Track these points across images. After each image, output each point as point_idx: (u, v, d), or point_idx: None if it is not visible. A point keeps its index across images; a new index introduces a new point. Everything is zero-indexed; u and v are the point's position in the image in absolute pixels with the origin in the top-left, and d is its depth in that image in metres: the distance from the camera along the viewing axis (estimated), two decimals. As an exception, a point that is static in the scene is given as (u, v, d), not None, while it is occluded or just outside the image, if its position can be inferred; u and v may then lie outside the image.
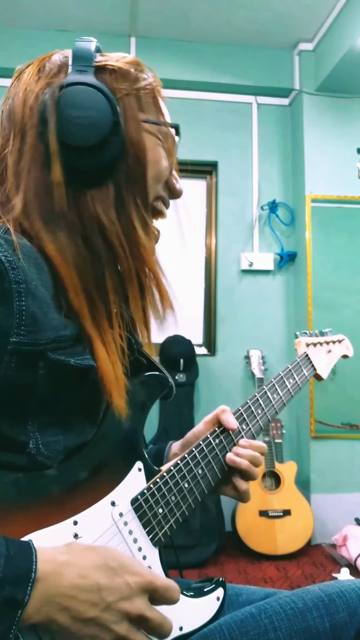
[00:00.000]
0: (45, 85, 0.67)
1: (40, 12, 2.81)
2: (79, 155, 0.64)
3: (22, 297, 0.56)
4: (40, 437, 0.60)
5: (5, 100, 0.71)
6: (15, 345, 0.55)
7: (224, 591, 0.75)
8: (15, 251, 0.58)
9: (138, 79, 0.71)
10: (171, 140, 0.73)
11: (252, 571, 2.42)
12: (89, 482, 0.64)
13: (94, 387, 0.64)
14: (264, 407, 0.87)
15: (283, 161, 3.21)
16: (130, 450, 0.70)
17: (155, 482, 0.70)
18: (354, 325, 2.86)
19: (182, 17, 2.85)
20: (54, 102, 0.64)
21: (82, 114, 0.63)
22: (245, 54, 3.11)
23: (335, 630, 0.70)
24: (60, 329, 0.60)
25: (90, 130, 0.63)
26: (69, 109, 0.63)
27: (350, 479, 2.86)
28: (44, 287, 0.59)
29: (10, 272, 0.56)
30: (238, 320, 3.06)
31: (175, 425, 2.76)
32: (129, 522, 0.66)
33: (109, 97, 0.65)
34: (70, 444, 0.63)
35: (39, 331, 0.57)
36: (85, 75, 0.65)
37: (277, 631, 0.70)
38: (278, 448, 2.75)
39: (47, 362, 0.58)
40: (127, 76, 0.70)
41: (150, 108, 0.72)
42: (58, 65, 0.69)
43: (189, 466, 0.75)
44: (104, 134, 0.64)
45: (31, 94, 0.67)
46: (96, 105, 0.64)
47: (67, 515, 0.60)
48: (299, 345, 1.02)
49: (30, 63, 0.72)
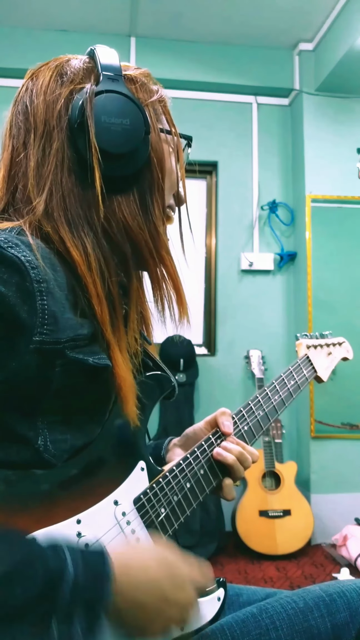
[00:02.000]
0: (71, 91, 0.68)
1: (40, 12, 2.81)
2: (111, 161, 0.65)
3: (43, 296, 0.56)
4: (49, 434, 0.60)
5: (18, 101, 0.71)
6: (38, 344, 0.56)
7: (225, 591, 0.75)
8: (32, 251, 0.58)
9: (152, 91, 0.73)
10: (182, 151, 0.76)
11: (252, 571, 2.42)
12: (92, 480, 0.64)
13: (103, 387, 0.64)
14: (265, 408, 0.87)
15: (283, 161, 3.21)
16: (133, 449, 0.71)
17: (158, 481, 0.71)
18: (353, 325, 2.86)
19: (182, 17, 2.85)
20: (91, 107, 0.65)
21: (118, 121, 0.65)
22: (245, 54, 3.11)
23: (336, 629, 0.71)
24: (77, 328, 0.60)
25: (124, 138, 0.65)
26: (105, 116, 0.65)
27: (350, 479, 2.86)
28: (58, 287, 0.60)
29: (32, 272, 0.56)
30: (238, 320, 3.06)
31: (175, 425, 2.76)
32: (131, 522, 0.66)
33: (140, 106, 0.67)
34: (76, 444, 0.63)
35: (59, 330, 0.58)
36: (117, 83, 0.67)
37: (278, 631, 0.70)
38: (278, 448, 2.75)
39: (65, 361, 0.59)
40: (145, 87, 0.72)
41: (163, 119, 0.74)
42: (83, 71, 0.70)
43: (191, 466, 0.75)
44: (137, 142, 0.66)
45: (56, 97, 0.68)
46: (130, 114, 0.66)
47: (71, 514, 0.61)
48: (299, 347, 1.02)
49: (42, 65, 0.72)
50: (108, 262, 0.65)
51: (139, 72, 0.74)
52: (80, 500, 0.62)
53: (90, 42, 2.98)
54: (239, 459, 0.78)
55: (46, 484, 0.60)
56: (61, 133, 0.66)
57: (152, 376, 0.76)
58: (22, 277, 0.55)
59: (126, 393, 0.64)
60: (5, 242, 0.56)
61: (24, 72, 0.73)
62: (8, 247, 0.56)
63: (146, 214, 0.69)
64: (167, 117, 0.75)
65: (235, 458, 0.77)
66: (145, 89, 0.72)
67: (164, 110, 0.75)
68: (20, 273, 0.55)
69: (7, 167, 0.70)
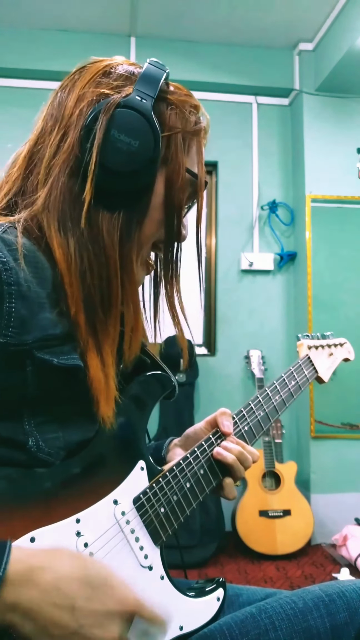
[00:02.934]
0: (102, 94, 0.67)
1: (40, 12, 2.81)
2: (107, 175, 0.64)
3: (12, 299, 0.57)
4: (39, 434, 0.60)
5: (65, 85, 0.71)
6: (2, 346, 0.56)
7: (224, 592, 0.74)
8: (10, 251, 0.58)
9: (189, 121, 0.72)
10: (202, 192, 0.75)
11: (252, 571, 2.42)
12: (91, 480, 0.64)
13: (81, 387, 0.64)
14: (265, 408, 0.87)
15: (283, 161, 3.21)
16: (133, 449, 0.71)
17: (158, 481, 0.71)
18: (354, 325, 2.86)
19: (182, 17, 2.85)
20: (106, 118, 0.64)
21: (126, 140, 0.64)
22: (245, 54, 3.11)
23: (335, 630, 0.70)
24: (49, 328, 0.60)
25: (126, 158, 0.64)
26: (116, 130, 0.64)
27: (350, 479, 2.86)
28: (39, 286, 0.60)
29: (3, 274, 0.56)
30: (238, 320, 3.06)
31: (175, 425, 2.76)
32: (131, 521, 0.66)
33: (156, 132, 0.66)
34: (71, 439, 0.63)
35: (25, 332, 0.58)
36: (144, 102, 0.66)
37: (277, 631, 0.70)
38: (278, 448, 2.75)
39: (33, 361, 0.59)
40: (182, 115, 0.71)
41: (192, 153, 0.73)
42: (123, 79, 0.69)
43: (191, 466, 0.75)
44: (138, 166, 0.65)
45: (86, 96, 0.68)
46: (143, 137, 0.65)
47: (70, 513, 0.61)
48: (300, 348, 1.02)
49: (99, 60, 0.72)
50: (92, 266, 0.65)
51: (186, 99, 0.73)
52: (80, 500, 0.62)
53: (90, 42, 2.99)
54: (239, 459, 0.78)
55: (46, 483, 0.60)
56: (75, 132, 0.66)
57: (152, 376, 0.76)
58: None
59: (97, 394, 0.63)
60: None
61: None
62: None
63: (125, 236, 0.67)
64: (198, 157, 0.73)
65: (235, 458, 0.77)
66: (182, 117, 0.70)
67: (197, 146, 0.73)
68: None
69: (30, 147, 0.71)
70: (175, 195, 0.70)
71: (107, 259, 0.66)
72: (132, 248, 0.68)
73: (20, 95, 2.92)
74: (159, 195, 0.69)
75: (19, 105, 2.88)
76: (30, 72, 2.90)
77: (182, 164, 0.70)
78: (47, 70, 2.88)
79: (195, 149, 0.74)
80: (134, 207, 0.67)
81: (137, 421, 0.72)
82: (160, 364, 0.78)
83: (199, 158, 0.74)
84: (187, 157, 0.72)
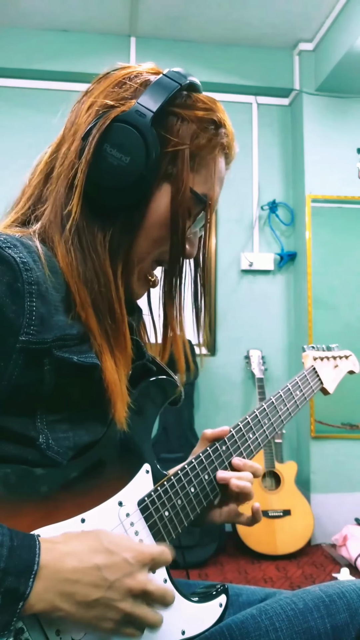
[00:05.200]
0: (105, 106, 0.66)
1: (40, 12, 2.81)
2: (97, 191, 0.64)
3: (33, 298, 0.57)
4: (50, 433, 0.61)
5: (84, 94, 0.71)
6: (24, 344, 0.57)
7: (227, 598, 0.74)
8: (30, 253, 0.59)
9: (202, 137, 0.69)
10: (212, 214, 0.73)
11: (252, 571, 2.43)
12: (97, 481, 0.65)
13: (97, 387, 0.64)
14: (271, 418, 0.87)
15: (283, 161, 3.21)
16: (139, 452, 0.71)
17: (162, 484, 0.71)
18: (353, 326, 2.86)
19: (182, 17, 2.85)
20: (99, 132, 0.63)
21: (117, 155, 0.63)
22: (245, 54, 3.11)
23: (336, 631, 0.71)
24: (66, 328, 0.61)
25: (114, 173, 0.64)
26: (109, 145, 0.63)
27: (350, 479, 2.86)
28: (55, 290, 0.61)
29: (25, 273, 0.57)
30: (238, 320, 3.06)
31: (175, 425, 2.76)
32: (135, 523, 0.67)
33: (151, 148, 0.64)
34: (80, 440, 0.64)
35: (45, 330, 0.58)
36: (142, 117, 0.64)
37: (277, 632, 0.70)
38: (278, 448, 2.75)
39: (52, 359, 0.59)
40: (194, 130, 0.68)
41: (204, 172, 0.70)
42: (133, 90, 0.68)
43: (196, 471, 0.75)
44: (126, 182, 0.64)
45: (95, 105, 0.67)
46: (135, 152, 0.63)
47: (75, 512, 0.61)
48: (306, 359, 1.02)
49: (122, 67, 0.71)
50: (92, 277, 0.65)
51: (206, 112, 0.70)
52: (86, 500, 0.63)
53: (90, 42, 2.99)
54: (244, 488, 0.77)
55: (53, 482, 0.60)
56: (77, 141, 0.66)
57: (158, 380, 0.76)
58: (14, 277, 0.56)
59: (114, 397, 0.64)
60: (4, 242, 0.58)
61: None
62: (6, 247, 0.58)
63: (114, 253, 0.66)
64: (213, 177, 0.70)
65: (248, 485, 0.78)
66: (193, 132, 0.68)
67: (213, 164, 0.70)
68: (13, 273, 0.56)
69: (51, 151, 0.71)
70: (177, 214, 0.68)
71: (103, 273, 0.66)
72: (119, 265, 0.67)
73: (20, 95, 2.92)
74: (159, 212, 0.68)
75: (19, 105, 2.88)
76: (30, 72, 2.90)
77: (186, 182, 0.68)
78: (47, 71, 2.88)
79: (210, 167, 0.71)
80: (125, 224, 0.67)
81: (143, 425, 0.72)
82: (166, 370, 0.78)
83: (213, 178, 0.71)
84: (196, 175, 0.70)
